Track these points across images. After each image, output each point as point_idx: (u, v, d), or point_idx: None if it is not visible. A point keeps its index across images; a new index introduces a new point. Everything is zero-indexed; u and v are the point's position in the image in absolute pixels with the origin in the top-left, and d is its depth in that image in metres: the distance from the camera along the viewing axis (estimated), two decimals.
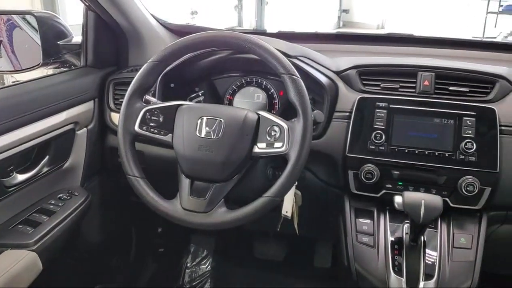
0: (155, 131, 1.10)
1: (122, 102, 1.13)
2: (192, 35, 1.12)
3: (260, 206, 1.02)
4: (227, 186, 1.07)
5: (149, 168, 1.19)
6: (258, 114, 1.08)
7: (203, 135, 1.06)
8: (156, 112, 1.11)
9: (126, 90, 1.13)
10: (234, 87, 1.41)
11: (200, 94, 1.42)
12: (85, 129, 1.44)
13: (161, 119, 1.11)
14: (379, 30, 10.67)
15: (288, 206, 1.27)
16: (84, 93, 1.43)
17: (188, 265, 2.05)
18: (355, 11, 11.49)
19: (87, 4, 1.44)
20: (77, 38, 1.50)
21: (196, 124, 1.07)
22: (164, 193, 1.10)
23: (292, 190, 1.25)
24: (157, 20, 1.60)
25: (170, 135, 1.10)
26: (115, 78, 1.48)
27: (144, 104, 1.13)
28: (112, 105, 1.47)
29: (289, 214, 1.27)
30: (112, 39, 1.56)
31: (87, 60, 1.51)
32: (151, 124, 1.10)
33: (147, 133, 1.10)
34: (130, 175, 1.09)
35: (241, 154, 1.05)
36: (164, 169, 1.21)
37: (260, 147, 1.05)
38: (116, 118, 1.44)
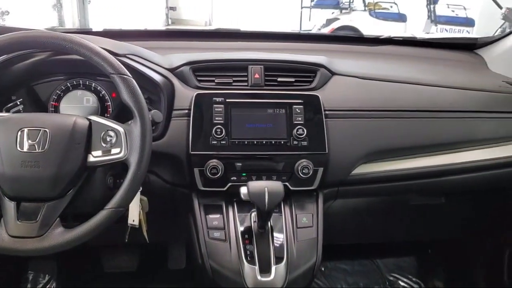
0: None
1: None
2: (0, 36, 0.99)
3: (103, 220, 0.95)
4: (61, 203, 0.98)
5: None
6: (89, 120, 1.01)
7: (25, 149, 0.95)
8: None
9: None
10: (59, 92, 1.28)
11: (18, 103, 1.25)
12: None
13: None
14: (207, 26, 10.99)
15: (135, 214, 1.21)
16: None
17: None
18: (182, 9, 11.63)
19: None
20: None
21: (15, 138, 0.95)
22: None
23: (137, 196, 1.19)
24: None
25: None
26: None
27: None
28: None
29: (136, 223, 1.21)
30: None
31: None
32: None
33: None
34: None
35: (73, 165, 0.97)
36: None
37: (95, 156, 0.99)
38: None
